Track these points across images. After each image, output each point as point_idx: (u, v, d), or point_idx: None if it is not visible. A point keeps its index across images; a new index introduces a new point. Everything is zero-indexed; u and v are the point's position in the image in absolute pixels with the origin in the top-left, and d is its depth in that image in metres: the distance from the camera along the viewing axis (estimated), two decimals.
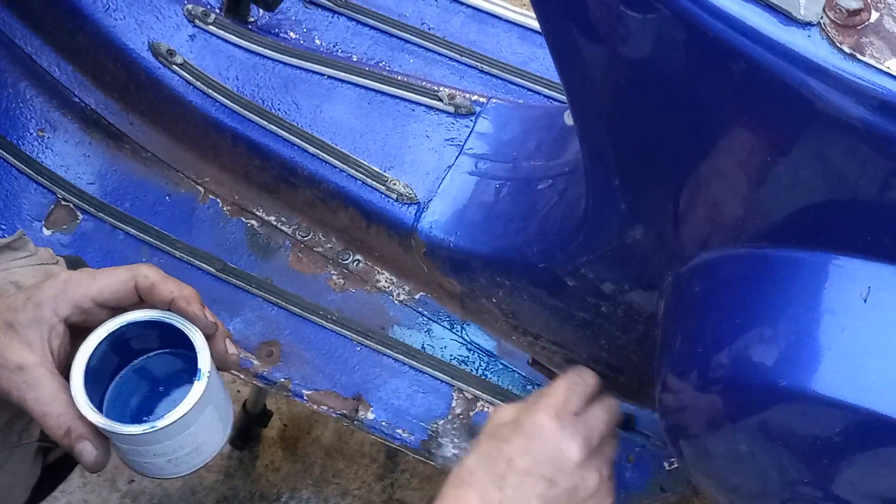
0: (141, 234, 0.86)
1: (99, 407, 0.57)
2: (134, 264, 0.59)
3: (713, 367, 0.56)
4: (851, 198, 0.47)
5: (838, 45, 0.40)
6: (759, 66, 0.42)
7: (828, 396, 0.50)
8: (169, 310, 0.58)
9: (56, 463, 0.69)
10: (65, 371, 0.57)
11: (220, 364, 0.60)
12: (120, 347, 0.59)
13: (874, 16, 0.40)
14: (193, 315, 0.58)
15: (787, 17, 0.41)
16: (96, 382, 0.58)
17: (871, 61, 0.40)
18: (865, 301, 0.48)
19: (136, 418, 0.59)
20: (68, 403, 0.56)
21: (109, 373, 0.61)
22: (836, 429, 0.52)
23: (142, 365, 0.61)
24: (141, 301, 0.59)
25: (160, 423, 0.56)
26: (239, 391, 1.09)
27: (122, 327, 0.58)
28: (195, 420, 0.58)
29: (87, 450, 0.56)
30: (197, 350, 0.58)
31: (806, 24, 0.40)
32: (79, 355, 0.57)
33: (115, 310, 0.58)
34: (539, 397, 0.66)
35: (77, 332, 0.58)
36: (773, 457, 0.57)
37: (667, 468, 0.81)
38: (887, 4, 0.41)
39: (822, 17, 0.40)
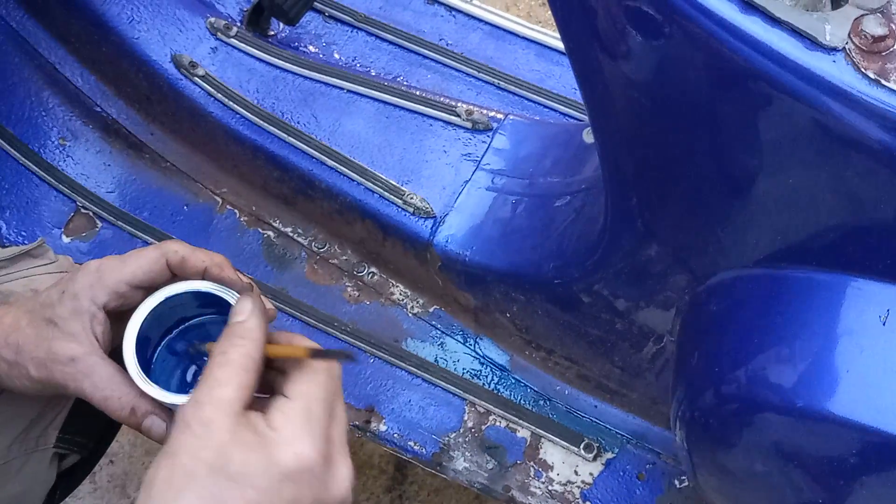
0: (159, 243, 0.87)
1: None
2: (161, 242, 0.60)
3: (730, 386, 0.56)
4: (871, 221, 0.47)
5: (863, 70, 0.41)
6: (784, 90, 0.43)
7: (845, 418, 0.51)
8: (203, 279, 0.59)
9: (70, 469, 0.70)
10: (112, 356, 0.57)
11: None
12: (158, 322, 0.60)
13: None
14: (228, 279, 0.58)
15: (812, 43, 0.41)
16: (143, 358, 0.58)
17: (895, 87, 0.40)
18: (884, 324, 0.49)
19: (186, 388, 0.59)
20: (126, 384, 0.55)
21: (153, 346, 0.60)
22: (853, 450, 0.52)
23: (180, 335, 0.61)
24: (174, 276, 0.58)
25: None
26: None
27: (163, 302, 0.57)
28: None
29: (157, 424, 0.56)
30: (231, 306, 0.56)
31: (831, 50, 0.41)
32: (127, 335, 0.57)
33: (150, 289, 0.58)
34: (280, 408, 0.48)
35: (115, 316, 0.58)
36: (789, 477, 0.57)
37: (678, 486, 0.81)
38: None
39: (847, 43, 0.41)
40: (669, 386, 0.68)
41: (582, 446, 0.81)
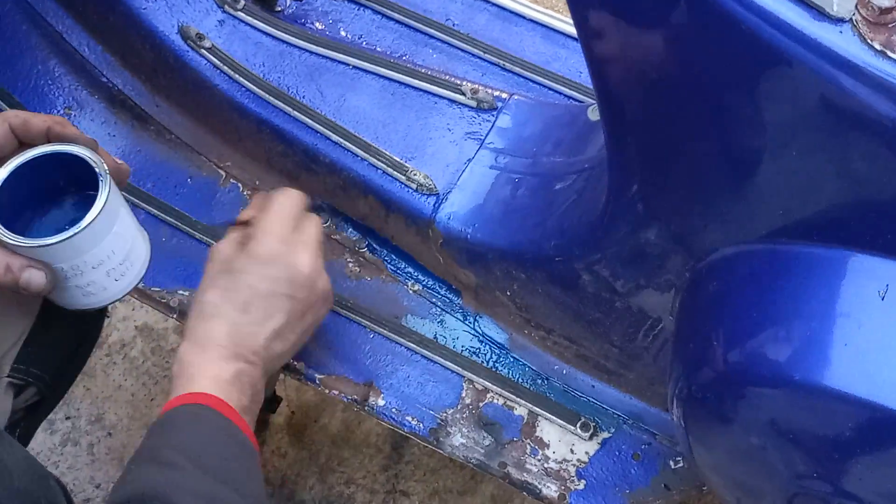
0: (162, 214, 0.87)
1: None
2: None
3: (728, 361, 0.57)
4: (873, 195, 0.48)
5: (869, 41, 0.41)
6: (790, 61, 0.43)
7: (842, 391, 0.51)
8: (48, 140, 0.62)
9: (34, 407, 0.71)
10: None
11: (115, 173, 0.63)
12: (24, 195, 0.63)
13: None
14: (73, 135, 0.63)
15: (819, 13, 0.42)
16: (15, 222, 0.61)
17: None
18: (883, 299, 0.49)
19: None
20: None
21: (24, 224, 0.64)
22: (849, 424, 0.52)
23: (53, 211, 0.65)
24: (21, 145, 0.62)
25: (84, 222, 0.59)
26: None
27: (13, 170, 0.61)
28: (114, 218, 0.62)
29: (35, 274, 0.60)
30: (88, 160, 0.62)
31: (838, 21, 0.41)
32: None
33: (1, 159, 0.62)
34: (258, 226, 0.73)
35: None
36: (785, 452, 0.58)
37: (672, 466, 0.82)
38: None
39: (854, 14, 0.41)
40: (667, 367, 0.69)
41: (578, 425, 0.81)
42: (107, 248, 0.62)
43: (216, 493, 0.57)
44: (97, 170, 0.62)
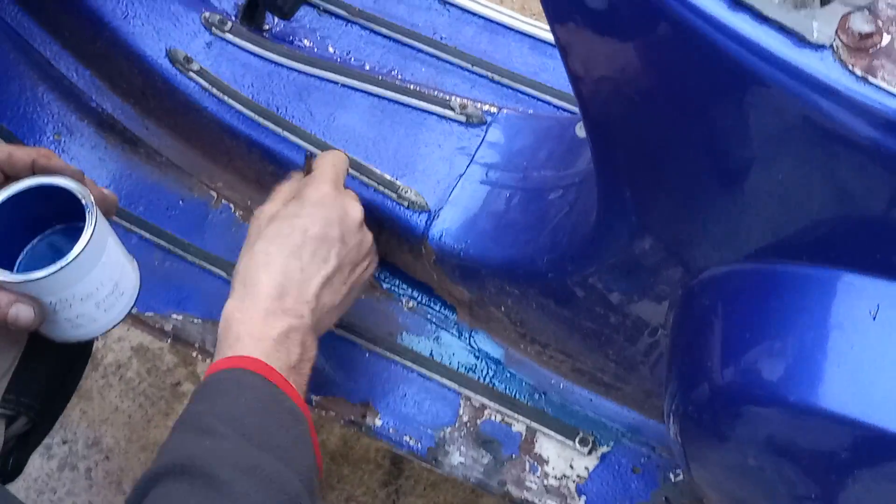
0: (154, 238, 0.87)
1: None
2: None
3: (722, 380, 0.56)
4: (861, 216, 0.47)
5: (850, 67, 0.41)
6: (773, 87, 0.43)
7: (836, 412, 0.51)
8: (33, 172, 0.62)
9: (25, 436, 0.70)
10: None
11: (101, 203, 0.63)
12: (10, 229, 0.63)
13: (886, 39, 0.41)
14: (59, 167, 0.62)
15: (800, 40, 0.41)
16: (1, 265, 0.61)
17: (883, 84, 0.40)
18: (874, 318, 0.49)
19: None
20: None
21: (11, 258, 0.64)
22: (844, 444, 0.52)
23: (40, 244, 0.66)
24: (7, 178, 0.62)
25: (70, 255, 0.59)
26: None
27: (6, 201, 0.61)
28: (102, 249, 0.61)
29: (22, 310, 0.59)
30: (74, 192, 0.61)
31: (818, 47, 0.41)
32: None
33: None
34: (308, 178, 0.73)
35: None
36: (781, 471, 0.58)
37: (672, 479, 0.81)
38: None
39: (834, 40, 0.41)
40: (663, 379, 0.68)
41: (577, 440, 0.81)
42: (95, 279, 0.62)
43: (259, 463, 0.55)
44: (83, 201, 0.61)
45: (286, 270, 0.66)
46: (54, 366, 0.72)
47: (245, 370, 0.60)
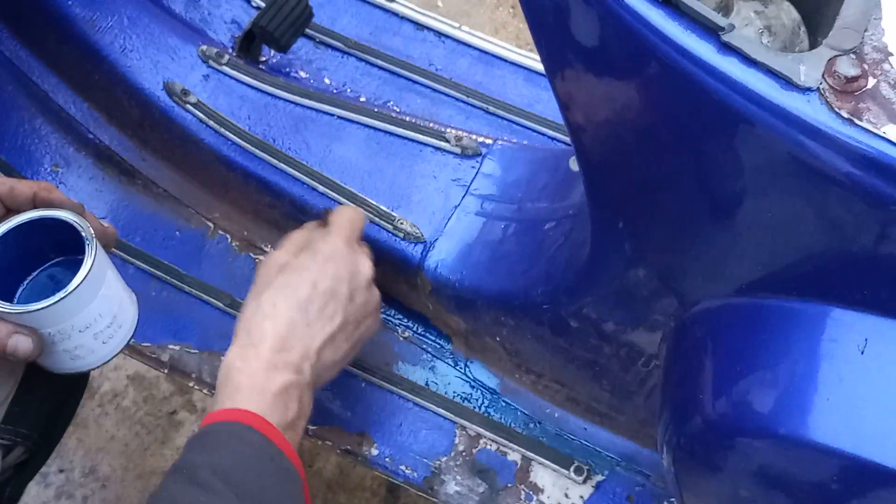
0: (151, 269, 0.87)
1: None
2: None
3: (714, 412, 0.57)
4: (847, 252, 0.48)
5: (837, 109, 0.42)
6: (761, 128, 0.44)
7: (826, 445, 0.51)
8: (35, 206, 0.63)
9: (22, 465, 0.70)
10: None
11: (101, 236, 0.63)
12: (10, 261, 0.63)
13: (871, 82, 0.42)
14: (59, 200, 0.63)
15: (787, 83, 0.42)
16: (1, 296, 0.62)
17: (868, 126, 0.41)
18: (862, 353, 0.49)
19: None
20: None
21: (11, 290, 0.65)
22: (834, 476, 0.53)
23: (40, 276, 0.66)
24: (8, 211, 0.63)
25: (70, 287, 0.60)
26: None
27: (7, 233, 0.62)
28: (101, 281, 0.62)
29: (21, 341, 0.60)
30: (74, 225, 0.62)
31: (806, 90, 0.42)
32: None
33: None
34: (322, 231, 0.73)
35: None
36: (773, 502, 0.58)
37: None
38: (884, 71, 0.43)
39: (821, 83, 0.42)
40: (657, 409, 0.69)
41: (572, 469, 0.81)
42: (94, 311, 0.63)
43: None
44: (83, 234, 0.62)
45: (292, 324, 0.66)
46: (51, 396, 0.72)
47: (243, 424, 0.60)
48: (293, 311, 0.67)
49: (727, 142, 0.46)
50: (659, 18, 0.45)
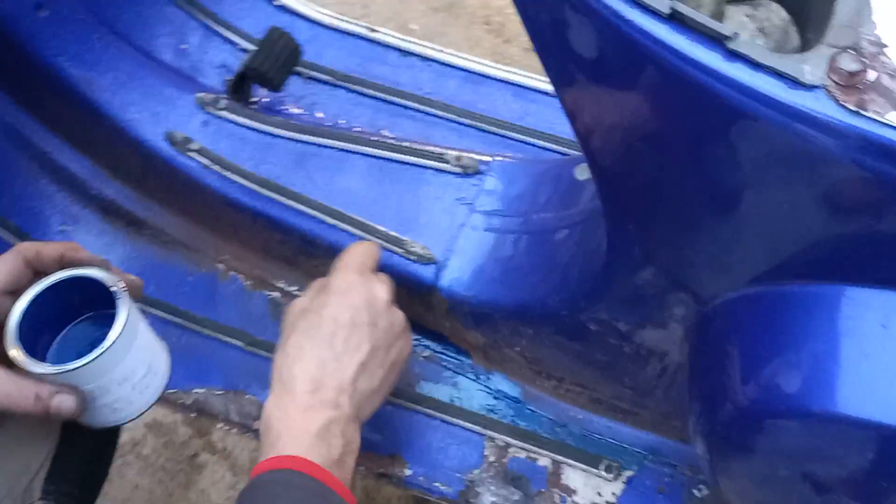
0: (167, 315, 0.88)
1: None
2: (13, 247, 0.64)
3: (744, 398, 0.59)
4: (863, 235, 0.51)
5: (843, 103, 0.44)
6: (773, 127, 0.47)
7: (856, 417, 0.54)
8: (62, 267, 0.64)
9: None
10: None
11: (130, 288, 0.64)
12: (44, 316, 0.64)
13: (872, 75, 0.45)
14: (86, 259, 0.65)
15: (794, 83, 0.45)
16: (37, 350, 0.63)
17: (874, 115, 0.44)
18: (885, 327, 0.52)
19: None
20: (23, 377, 0.60)
21: (43, 349, 0.66)
22: (866, 446, 0.55)
23: (70, 333, 0.67)
24: (36, 274, 0.64)
25: (108, 341, 0.61)
26: None
27: (31, 300, 0.63)
28: (135, 332, 0.63)
29: (65, 400, 0.60)
30: (105, 282, 0.64)
31: (812, 87, 0.45)
32: (7, 331, 0.61)
33: (17, 292, 0.63)
34: (334, 270, 0.75)
35: None
36: (808, 476, 0.60)
37: (697, 495, 0.84)
38: (883, 63, 0.45)
39: (826, 80, 0.45)
40: (679, 400, 0.71)
41: (602, 467, 0.84)
42: (130, 363, 0.64)
43: None
44: (113, 288, 0.63)
45: (320, 362, 0.68)
46: (89, 451, 0.72)
47: (290, 470, 0.61)
48: (320, 348, 0.68)
49: (738, 142, 0.49)
50: (665, 33, 0.47)
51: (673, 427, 0.83)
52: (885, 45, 0.46)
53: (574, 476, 0.84)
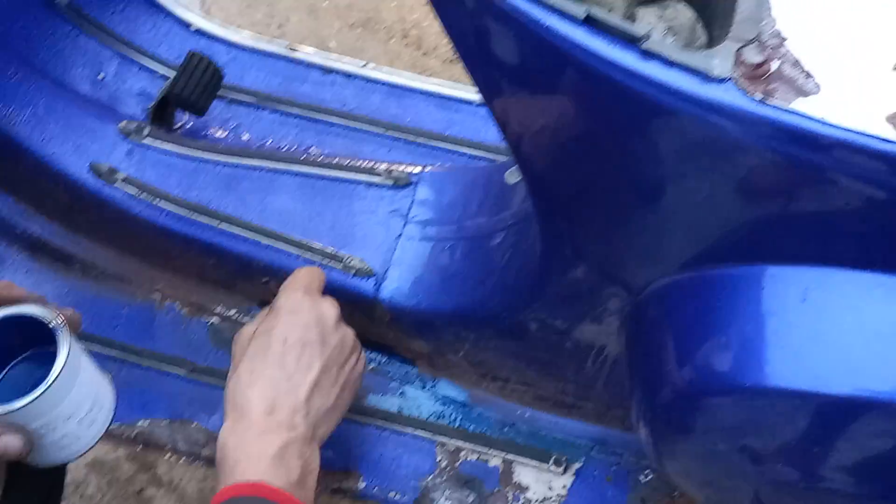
0: (105, 350, 0.87)
1: None
2: None
3: (681, 380, 0.62)
4: (778, 216, 0.54)
5: (750, 93, 0.48)
6: (687, 119, 0.49)
7: (785, 387, 0.57)
8: None
9: None
10: None
11: (70, 323, 0.64)
12: None
13: (775, 65, 0.48)
14: (20, 296, 0.64)
15: (705, 76, 0.48)
16: None
17: (780, 103, 0.47)
18: (804, 301, 0.56)
19: None
20: None
21: None
22: (798, 415, 0.59)
23: (10, 374, 0.66)
24: None
25: (50, 378, 0.60)
26: None
27: None
28: (77, 366, 0.63)
29: (11, 441, 0.60)
30: (43, 318, 0.63)
31: (721, 80, 0.48)
32: None
33: None
34: (279, 292, 0.75)
35: None
36: (746, 449, 0.64)
37: (643, 480, 0.87)
38: (783, 54, 0.49)
39: (733, 73, 0.48)
40: (620, 391, 0.74)
41: (551, 462, 0.86)
42: (75, 397, 0.63)
43: None
44: (52, 324, 0.62)
45: (273, 382, 0.68)
46: (35, 493, 0.71)
47: (251, 497, 0.61)
48: (271, 369, 0.68)
49: (658, 136, 0.52)
50: (582, 36, 0.49)
51: (616, 417, 0.86)
52: (786, 38, 0.49)
53: (525, 473, 0.86)
